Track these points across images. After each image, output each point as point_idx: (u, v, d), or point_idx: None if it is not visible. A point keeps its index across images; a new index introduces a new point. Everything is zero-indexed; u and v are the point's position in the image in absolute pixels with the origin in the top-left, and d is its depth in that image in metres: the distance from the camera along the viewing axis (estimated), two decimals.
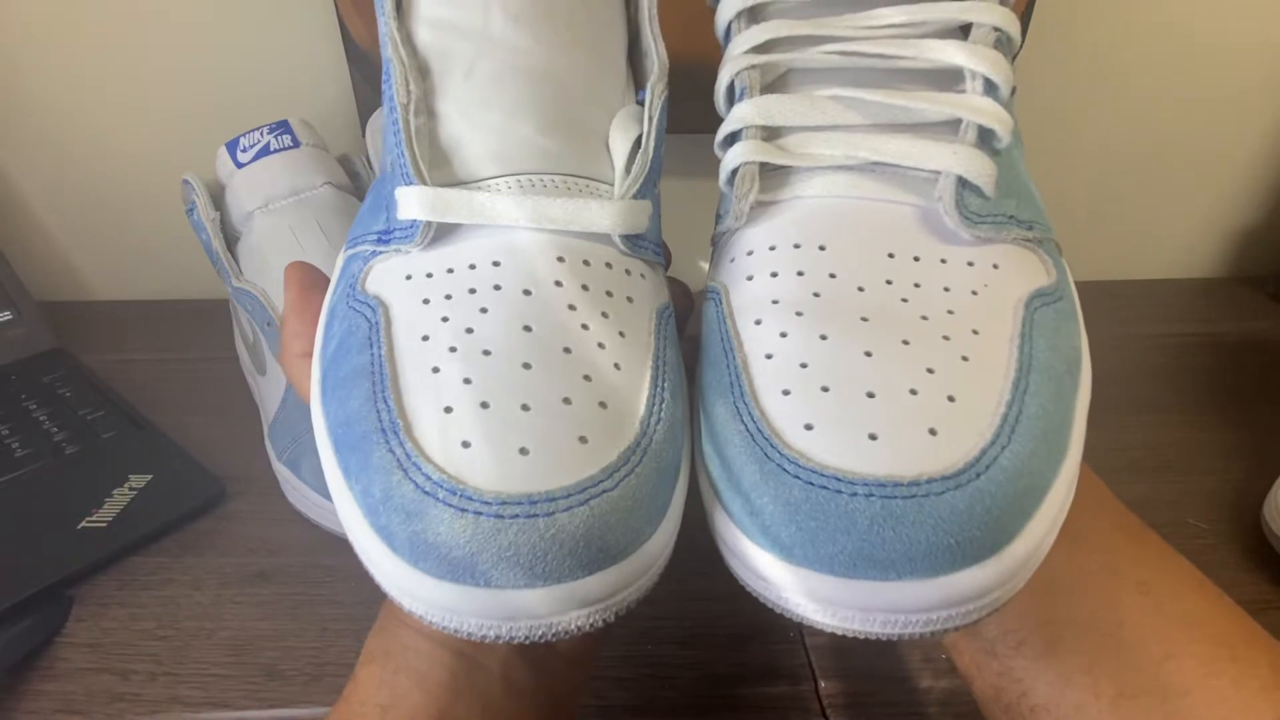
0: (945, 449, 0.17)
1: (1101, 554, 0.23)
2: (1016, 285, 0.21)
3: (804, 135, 0.23)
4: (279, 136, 0.45)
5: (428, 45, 0.23)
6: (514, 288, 0.20)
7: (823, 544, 0.17)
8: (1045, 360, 0.19)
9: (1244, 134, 0.62)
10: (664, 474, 0.19)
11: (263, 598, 0.36)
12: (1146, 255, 0.69)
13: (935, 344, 0.19)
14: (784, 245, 0.22)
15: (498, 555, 0.16)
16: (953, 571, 0.17)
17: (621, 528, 0.17)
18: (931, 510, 0.16)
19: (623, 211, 0.22)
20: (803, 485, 0.17)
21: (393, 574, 0.18)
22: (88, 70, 0.54)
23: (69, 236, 0.62)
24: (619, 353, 0.20)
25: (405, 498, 0.17)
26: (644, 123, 0.24)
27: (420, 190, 0.21)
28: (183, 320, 0.60)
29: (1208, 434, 0.48)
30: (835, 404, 0.18)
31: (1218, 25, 0.57)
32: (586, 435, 0.18)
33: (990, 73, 0.22)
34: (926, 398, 0.18)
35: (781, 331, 0.20)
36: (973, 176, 0.21)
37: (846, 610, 0.17)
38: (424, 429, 0.18)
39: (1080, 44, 0.57)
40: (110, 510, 0.40)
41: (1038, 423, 0.18)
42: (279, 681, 0.33)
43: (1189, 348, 0.58)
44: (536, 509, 0.16)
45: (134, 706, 0.32)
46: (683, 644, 0.35)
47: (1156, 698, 0.21)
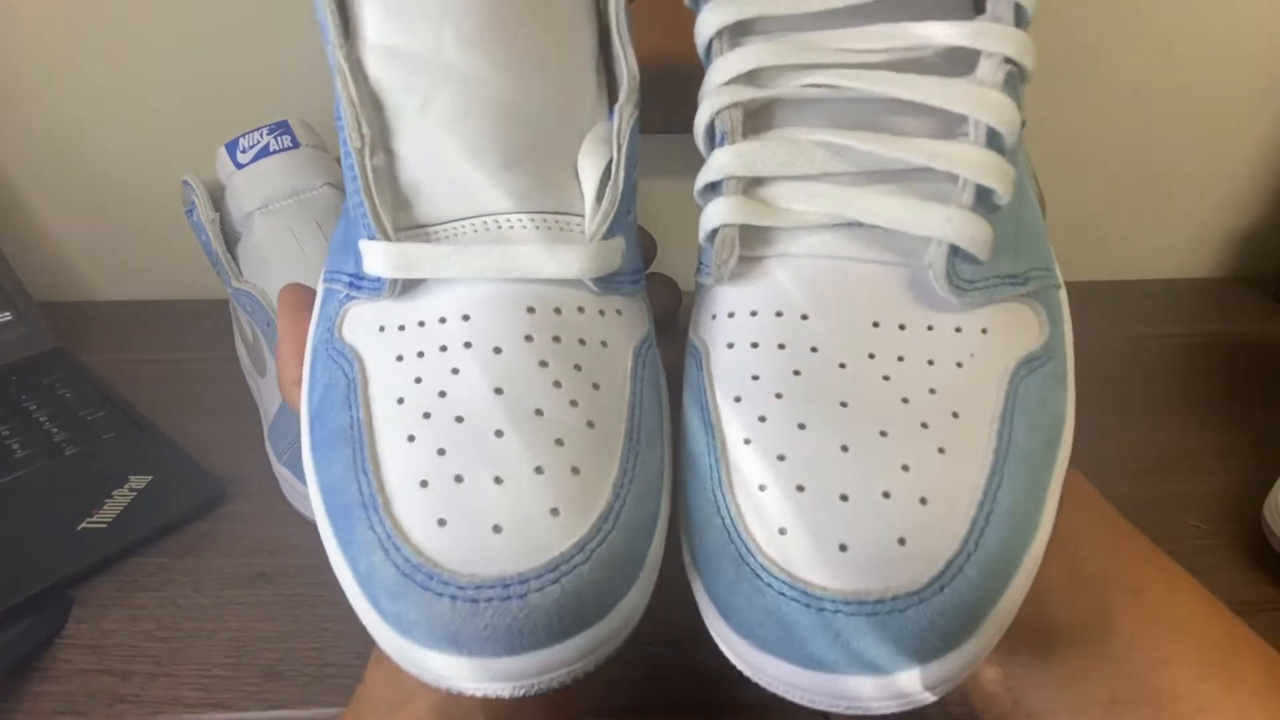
0: (913, 561, 0.18)
1: (1094, 560, 0.23)
2: (1004, 353, 0.21)
3: (787, 187, 0.22)
4: (279, 137, 0.45)
5: (378, 78, 0.22)
6: (484, 346, 0.20)
7: (792, 646, 0.18)
8: (1024, 444, 0.20)
9: (1244, 135, 0.62)
10: (639, 531, 0.19)
11: (263, 599, 0.36)
12: (1146, 255, 0.69)
13: (913, 435, 0.19)
14: (766, 312, 0.21)
15: (475, 634, 0.17)
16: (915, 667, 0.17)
17: (594, 596, 0.18)
18: (895, 626, 0.17)
19: (593, 255, 0.21)
20: (774, 595, 0.18)
21: (383, 636, 0.18)
22: (88, 70, 0.54)
23: (69, 236, 0.62)
24: (592, 408, 0.20)
25: (388, 579, 0.18)
26: (613, 149, 0.23)
27: (384, 246, 0.21)
28: (183, 320, 0.60)
29: (1208, 434, 0.48)
30: (809, 507, 0.18)
31: (1218, 26, 0.57)
32: (558, 507, 0.18)
33: (996, 122, 0.20)
34: (898, 502, 0.18)
35: (760, 415, 0.20)
36: (966, 244, 0.20)
37: (816, 695, 0.18)
38: (402, 506, 0.18)
39: (1080, 45, 0.57)
40: (110, 511, 0.40)
41: (1008, 520, 0.19)
42: (279, 682, 0.33)
43: (1189, 348, 0.58)
44: (510, 591, 0.17)
45: (134, 707, 0.32)
46: (683, 644, 0.35)
47: (1149, 704, 0.21)
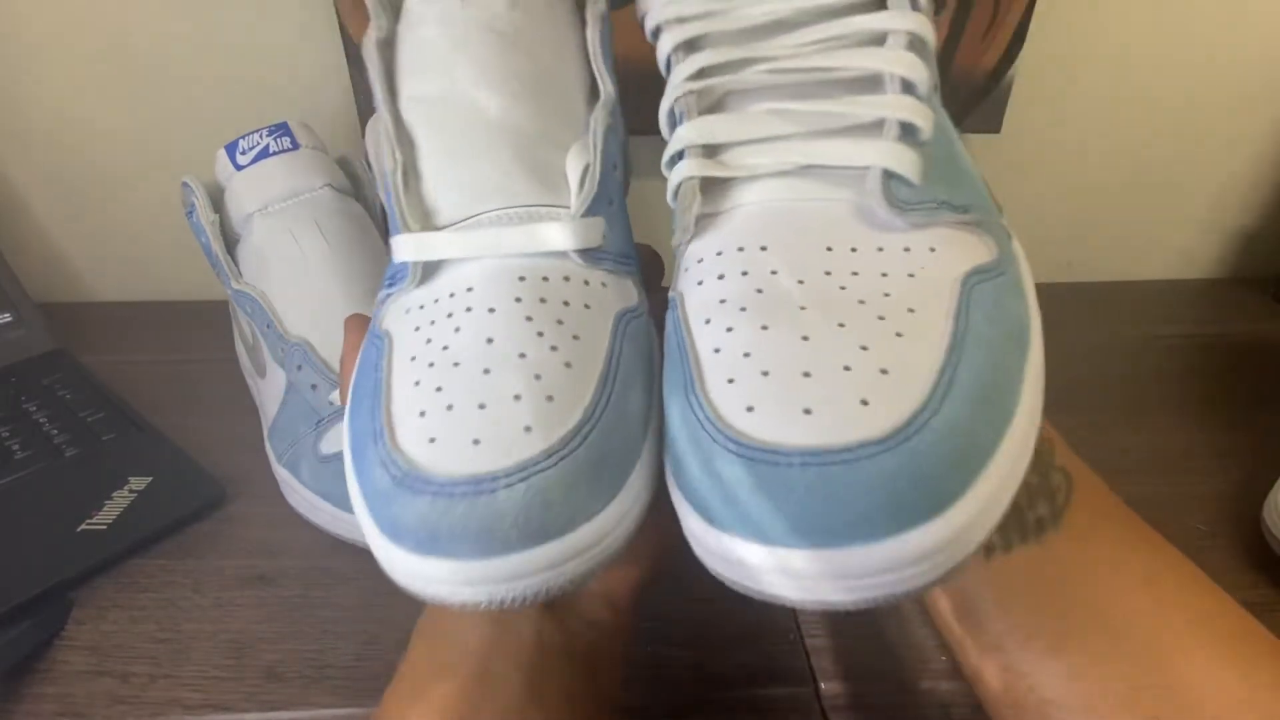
0: (877, 416, 0.18)
1: (1107, 552, 0.23)
2: (954, 265, 0.22)
3: (740, 149, 0.25)
4: (278, 139, 0.45)
5: (410, 119, 0.27)
6: (481, 308, 0.23)
7: (765, 514, 0.18)
8: (981, 330, 0.20)
9: (1244, 135, 0.62)
10: (610, 458, 0.21)
11: (263, 600, 0.36)
12: (1147, 256, 0.69)
13: (870, 324, 0.20)
14: (729, 250, 0.24)
15: (450, 530, 0.19)
16: (895, 534, 0.17)
17: (561, 504, 0.19)
18: (864, 472, 0.17)
19: (574, 231, 0.25)
20: (744, 461, 0.18)
21: (383, 551, 0.20)
22: (87, 71, 0.54)
23: (69, 237, 0.62)
24: (571, 353, 0.22)
25: (384, 488, 0.20)
26: (590, 151, 0.27)
27: (407, 237, 0.25)
28: (183, 321, 0.60)
29: (1208, 435, 0.48)
30: (773, 386, 0.19)
31: (1218, 26, 0.57)
32: (531, 425, 0.20)
33: (907, 73, 0.24)
34: (859, 373, 0.19)
35: (728, 327, 0.21)
36: (897, 168, 0.23)
37: (795, 579, 0.18)
38: (402, 433, 0.21)
39: (1080, 46, 0.57)
40: (110, 512, 0.40)
41: (972, 388, 0.19)
42: (279, 683, 0.33)
43: (1189, 348, 0.58)
44: (480, 487, 0.19)
45: (134, 709, 0.32)
46: (683, 645, 0.35)
47: (1165, 690, 0.21)
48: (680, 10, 0.25)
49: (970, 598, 0.24)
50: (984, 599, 0.24)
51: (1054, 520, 0.24)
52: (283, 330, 0.42)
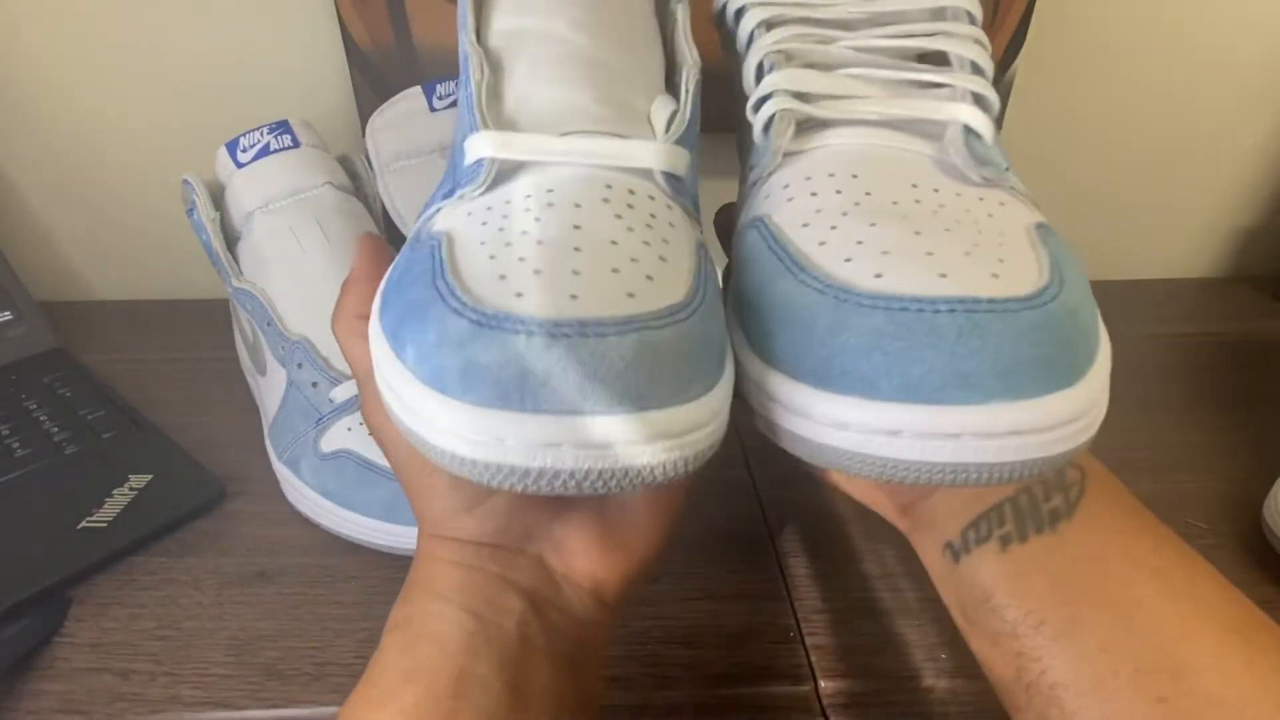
0: (1011, 284, 0.18)
1: (1119, 542, 0.24)
2: (1023, 216, 0.23)
3: (828, 100, 0.26)
4: (279, 136, 0.45)
5: (499, 49, 0.26)
6: (565, 203, 0.21)
7: (911, 364, 0.17)
8: (1067, 259, 0.21)
9: (1244, 134, 0.62)
10: (708, 345, 0.19)
11: (263, 597, 0.36)
12: (1146, 255, 0.69)
13: (972, 233, 0.21)
14: (819, 176, 0.24)
15: (547, 371, 0.17)
16: (1038, 393, 0.17)
17: (670, 369, 0.18)
18: (1014, 322, 0.17)
19: (664, 151, 0.24)
20: (884, 312, 0.18)
21: (439, 419, 0.18)
22: (88, 70, 0.54)
23: (69, 236, 0.62)
24: (663, 250, 0.21)
25: (460, 331, 0.17)
26: (681, 95, 0.27)
27: (486, 133, 0.23)
28: (183, 320, 0.60)
29: (1208, 434, 0.48)
30: (899, 259, 0.19)
31: (1218, 25, 0.57)
32: (634, 292, 0.18)
33: (975, 58, 0.26)
34: (979, 258, 0.19)
35: (831, 225, 0.21)
36: (976, 125, 0.25)
37: (937, 441, 0.18)
38: (481, 290, 0.18)
39: (1080, 45, 0.57)
40: (110, 510, 0.40)
41: (1077, 288, 0.20)
42: (279, 681, 0.33)
43: (1189, 347, 0.58)
44: (587, 330, 0.17)
45: (134, 706, 0.32)
46: (682, 644, 0.35)
47: (1172, 674, 0.21)
48: None
49: (985, 587, 0.25)
50: (998, 587, 0.24)
51: (1068, 511, 0.24)
52: (283, 328, 0.42)
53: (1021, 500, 0.25)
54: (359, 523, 0.38)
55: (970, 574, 0.25)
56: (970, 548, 0.25)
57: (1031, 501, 0.25)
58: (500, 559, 0.25)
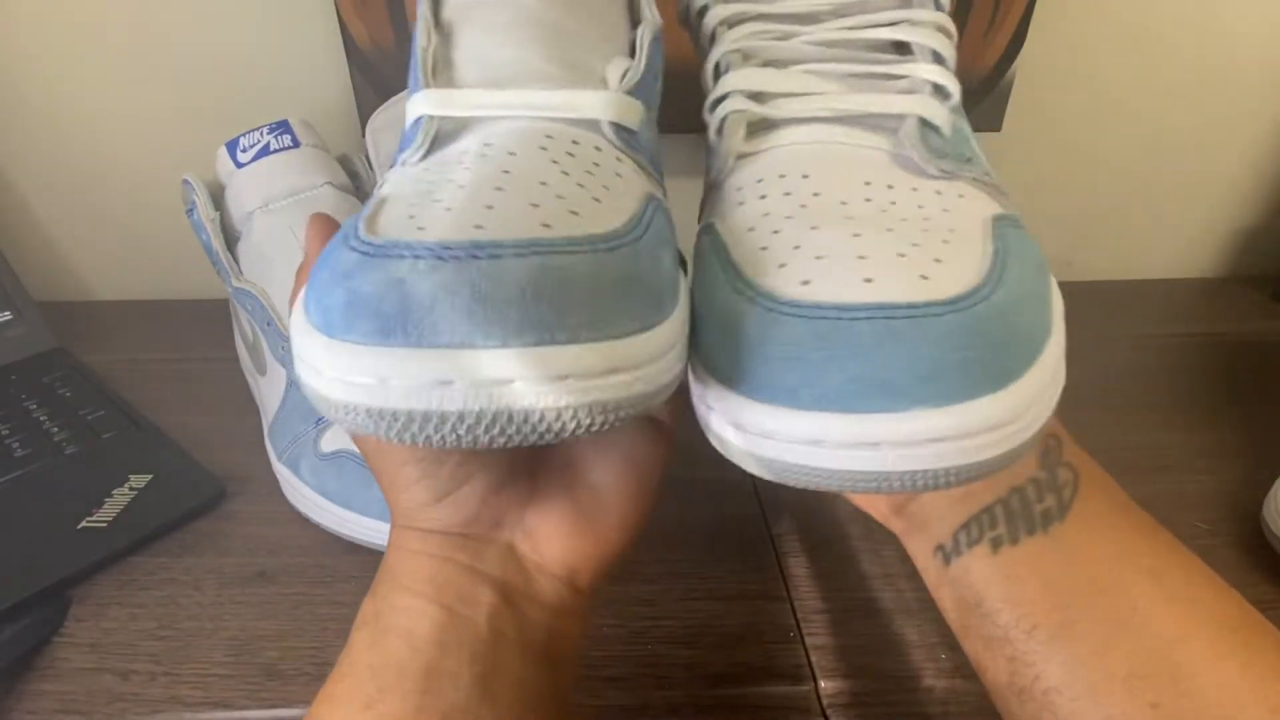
0: (939, 287, 0.18)
1: (1112, 544, 0.24)
2: (982, 208, 0.23)
3: (783, 99, 0.26)
4: (279, 136, 0.45)
5: (450, 17, 0.26)
6: (499, 153, 0.20)
7: (830, 374, 0.17)
8: (1016, 252, 0.20)
9: (1244, 134, 0.62)
10: (637, 284, 0.18)
11: (263, 597, 0.36)
12: (1146, 255, 0.69)
13: (916, 233, 0.20)
14: (770, 178, 0.24)
15: (432, 295, 0.15)
16: (962, 399, 0.17)
17: (581, 299, 0.16)
18: (934, 328, 0.17)
19: (612, 100, 0.23)
20: (805, 321, 0.17)
21: (321, 364, 0.16)
22: (88, 70, 0.54)
23: (69, 236, 0.62)
24: (600, 193, 0.20)
25: (347, 263, 0.16)
26: (635, 57, 0.26)
27: (424, 92, 0.22)
28: (183, 320, 0.60)
29: (1208, 434, 0.48)
30: (830, 265, 0.19)
31: (1218, 25, 0.57)
32: (550, 223, 0.17)
33: (937, 47, 0.26)
34: (914, 259, 0.19)
35: (774, 230, 0.21)
36: (932, 117, 0.24)
37: (858, 450, 0.17)
38: (386, 227, 0.17)
39: (1080, 45, 0.57)
40: (110, 510, 0.40)
41: (1018, 287, 0.19)
42: (279, 681, 0.33)
43: (1189, 347, 0.58)
44: (480, 251, 0.15)
45: (134, 706, 0.32)
46: (682, 643, 0.35)
47: (1167, 678, 0.21)
48: None
49: (977, 590, 0.24)
50: (991, 591, 0.24)
51: (1060, 513, 0.24)
52: (283, 328, 0.42)
53: (1013, 501, 0.24)
54: (359, 523, 0.38)
55: (962, 576, 0.25)
56: (962, 550, 0.25)
57: (1023, 503, 0.24)
58: (471, 549, 0.24)
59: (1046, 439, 0.25)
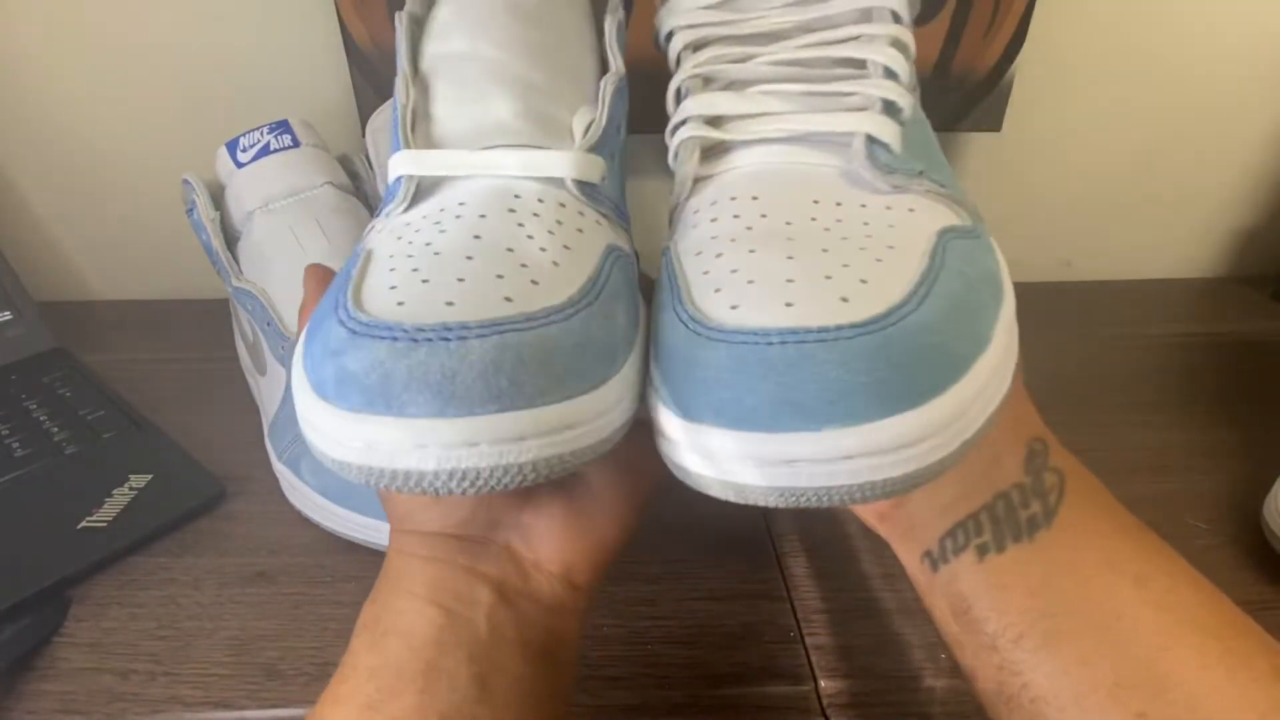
0: (855, 309, 0.18)
1: (1098, 550, 0.24)
2: (931, 221, 0.23)
3: (739, 122, 0.27)
4: (279, 136, 0.45)
5: (429, 71, 0.28)
6: (472, 214, 0.23)
7: (746, 395, 0.18)
8: (956, 266, 0.21)
9: (1244, 134, 0.62)
10: (591, 346, 0.20)
11: (263, 597, 0.36)
12: (1146, 255, 0.69)
13: (852, 252, 0.21)
14: (722, 199, 0.25)
15: (408, 375, 0.17)
16: (873, 418, 0.17)
17: (535, 370, 0.18)
18: (843, 350, 0.18)
19: (574, 159, 0.25)
20: (726, 345, 0.19)
21: (321, 425, 0.19)
22: (87, 70, 0.54)
23: (69, 236, 0.62)
24: (559, 256, 0.22)
25: (338, 340, 0.19)
26: (597, 108, 0.28)
27: (405, 152, 0.25)
28: (183, 320, 0.60)
29: (1208, 434, 0.48)
30: (758, 289, 0.20)
31: (1218, 25, 0.57)
32: (512, 297, 0.19)
33: (889, 63, 0.26)
34: (840, 280, 0.20)
35: (717, 253, 0.22)
36: (880, 134, 0.25)
37: (775, 467, 0.18)
38: (370, 300, 0.20)
39: (1080, 45, 0.57)
40: (110, 510, 0.40)
41: (947, 302, 0.19)
42: (279, 681, 0.33)
43: (1189, 347, 0.58)
44: (449, 334, 0.18)
45: (134, 706, 0.32)
46: (682, 643, 0.35)
47: (1153, 687, 0.21)
48: (692, 19, 0.28)
49: (965, 598, 0.24)
50: (978, 599, 0.24)
51: (1046, 519, 0.24)
52: (283, 328, 0.42)
53: (998, 508, 0.24)
54: (359, 523, 0.38)
55: (950, 584, 0.25)
56: (948, 557, 0.25)
57: (1009, 509, 0.24)
58: (468, 550, 0.25)
59: (1031, 443, 0.25)
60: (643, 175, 0.33)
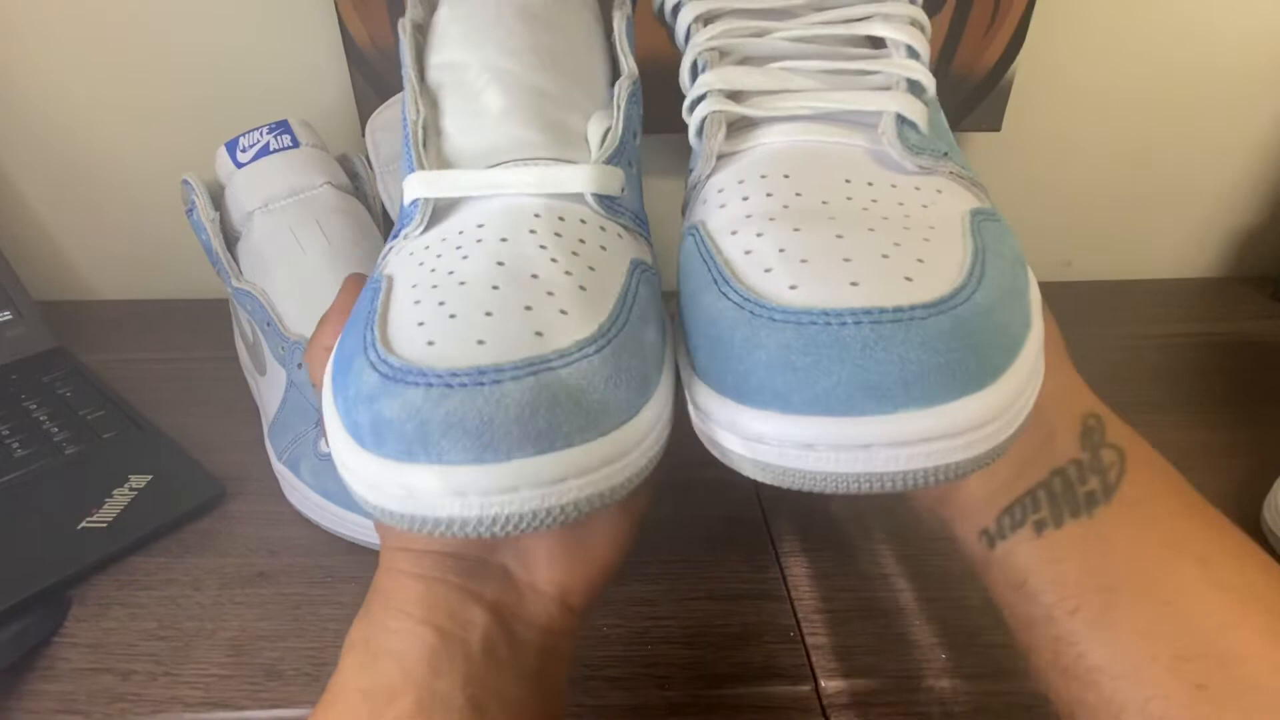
0: (922, 289, 0.18)
1: (1161, 529, 0.23)
2: (960, 203, 0.23)
3: (761, 97, 0.26)
4: (278, 136, 0.45)
5: (437, 82, 0.27)
6: (493, 238, 0.22)
7: (819, 378, 0.17)
8: (995, 248, 0.21)
9: (1244, 134, 0.62)
10: (625, 376, 0.19)
11: (263, 598, 0.36)
12: (1146, 255, 0.69)
13: (898, 230, 0.21)
14: (751, 178, 0.24)
15: (445, 422, 0.17)
16: (947, 399, 0.17)
17: (571, 409, 0.18)
18: (919, 330, 0.17)
19: (592, 173, 0.24)
20: (794, 326, 0.18)
21: (360, 471, 0.19)
22: (87, 70, 0.54)
23: (69, 236, 0.62)
24: (585, 279, 0.21)
25: (371, 386, 0.18)
26: (613, 114, 0.27)
27: (420, 174, 0.24)
28: (183, 320, 0.60)
29: (1208, 434, 0.48)
30: (816, 268, 0.19)
31: (1218, 25, 0.57)
32: (543, 330, 0.19)
33: (910, 42, 0.26)
34: (897, 260, 0.19)
35: (758, 233, 0.21)
36: (909, 114, 0.25)
37: (849, 452, 0.18)
38: (399, 339, 0.19)
39: (1080, 45, 0.57)
40: (110, 510, 0.40)
41: (999, 284, 0.19)
42: (279, 681, 0.33)
43: (1189, 347, 0.58)
44: (484, 378, 0.17)
45: (134, 706, 0.32)
46: (682, 644, 0.35)
47: (1215, 660, 0.21)
48: None
49: (1021, 571, 0.25)
50: (1034, 573, 0.24)
51: (1106, 495, 0.24)
52: (283, 328, 0.42)
53: (1056, 485, 0.24)
54: (359, 523, 0.38)
55: (1006, 559, 0.25)
56: (1005, 534, 0.25)
57: (1066, 486, 0.24)
58: (463, 569, 0.24)
59: (1085, 418, 0.25)
60: (647, 175, 0.33)
